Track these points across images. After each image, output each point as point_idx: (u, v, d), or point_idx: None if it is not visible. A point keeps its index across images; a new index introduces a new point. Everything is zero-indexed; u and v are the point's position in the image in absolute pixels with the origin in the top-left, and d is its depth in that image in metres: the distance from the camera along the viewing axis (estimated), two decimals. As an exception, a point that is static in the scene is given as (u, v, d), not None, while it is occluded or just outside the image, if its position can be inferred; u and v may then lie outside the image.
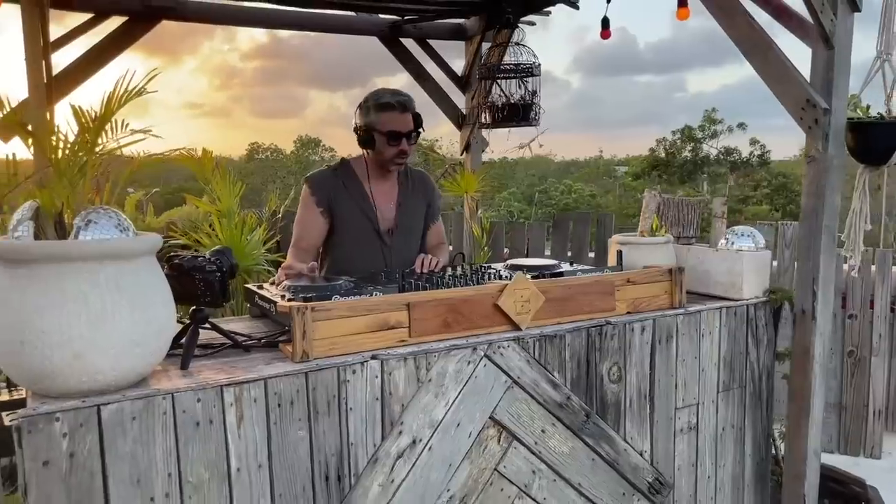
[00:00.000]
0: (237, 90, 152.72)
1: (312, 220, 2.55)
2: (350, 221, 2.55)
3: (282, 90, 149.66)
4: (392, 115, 2.47)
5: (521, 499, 1.95)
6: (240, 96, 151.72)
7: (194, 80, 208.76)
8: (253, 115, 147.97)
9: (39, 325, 1.32)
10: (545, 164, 47.27)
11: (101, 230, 1.41)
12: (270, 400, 1.56)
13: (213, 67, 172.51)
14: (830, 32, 2.20)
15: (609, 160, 55.05)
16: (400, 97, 2.49)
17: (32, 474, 1.31)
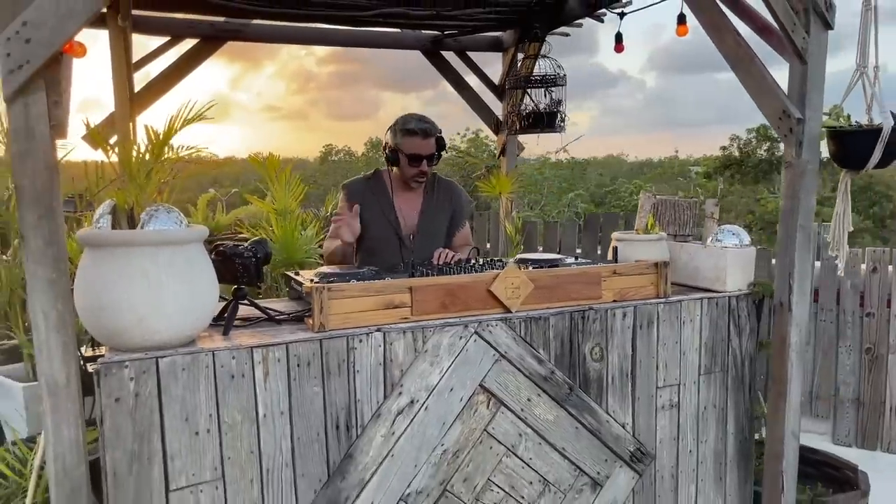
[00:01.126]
0: (313, 94, 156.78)
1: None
2: (375, 225, 2.95)
3: (356, 93, 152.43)
4: (415, 140, 2.86)
5: (508, 457, 2.27)
6: (316, 100, 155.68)
7: (273, 85, 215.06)
8: (328, 117, 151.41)
9: (113, 295, 1.73)
10: (617, 165, 46.74)
11: (160, 223, 1.82)
12: (291, 360, 1.94)
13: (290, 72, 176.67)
14: (803, 49, 2.42)
15: (685, 160, 53.98)
16: (424, 125, 2.88)
17: (107, 409, 1.73)
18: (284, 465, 1.94)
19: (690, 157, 58.38)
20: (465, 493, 2.21)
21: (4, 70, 1.45)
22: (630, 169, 50.78)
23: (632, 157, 56.52)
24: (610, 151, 65.85)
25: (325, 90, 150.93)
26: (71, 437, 1.62)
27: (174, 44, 4.10)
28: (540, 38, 4.03)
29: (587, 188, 36.14)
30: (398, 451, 2.09)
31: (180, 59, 4.10)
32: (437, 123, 2.91)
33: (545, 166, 22.09)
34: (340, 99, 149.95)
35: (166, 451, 1.79)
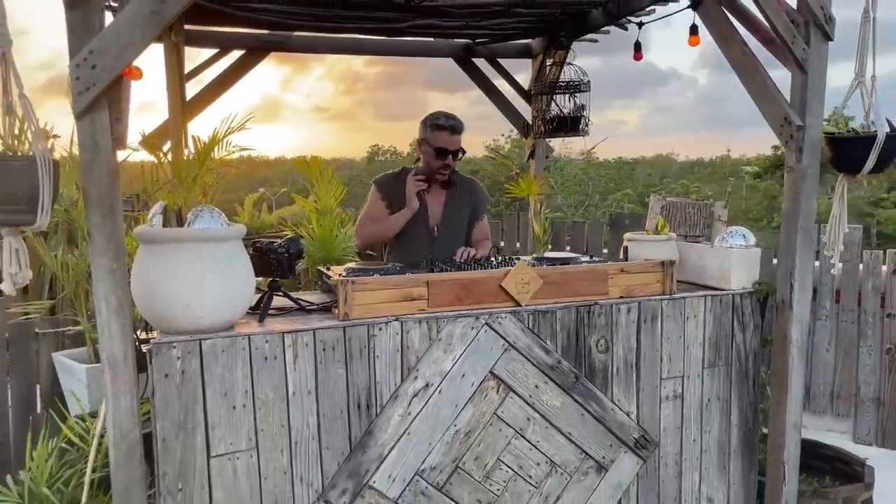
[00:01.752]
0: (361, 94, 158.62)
1: (377, 205, 3.21)
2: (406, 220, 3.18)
3: (403, 94, 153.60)
4: (443, 134, 3.10)
5: (517, 439, 2.46)
6: (363, 100, 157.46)
7: (321, 86, 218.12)
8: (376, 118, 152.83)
9: (164, 285, 1.99)
10: (667, 165, 46.07)
11: (205, 222, 2.08)
12: (318, 345, 2.17)
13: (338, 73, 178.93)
14: (803, 60, 2.55)
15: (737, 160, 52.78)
16: (453, 121, 3.12)
17: (158, 384, 1.99)
18: (311, 438, 2.18)
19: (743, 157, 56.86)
20: (476, 471, 2.41)
21: (74, 91, 1.72)
22: (680, 168, 49.94)
23: (682, 156, 55.45)
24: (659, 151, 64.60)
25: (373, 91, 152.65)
26: (127, 406, 1.88)
27: (223, 55, 4.40)
28: (565, 46, 4.20)
29: (634, 188, 35.75)
30: (414, 429, 2.31)
31: (228, 69, 4.40)
32: (477, 123, 3.16)
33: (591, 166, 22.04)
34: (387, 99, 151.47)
35: (208, 421, 2.05)
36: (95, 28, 1.75)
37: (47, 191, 1.68)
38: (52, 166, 1.70)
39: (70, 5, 1.72)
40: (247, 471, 2.10)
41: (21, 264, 1.70)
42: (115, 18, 1.75)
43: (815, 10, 2.52)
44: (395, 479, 2.29)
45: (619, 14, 3.81)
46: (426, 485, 2.34)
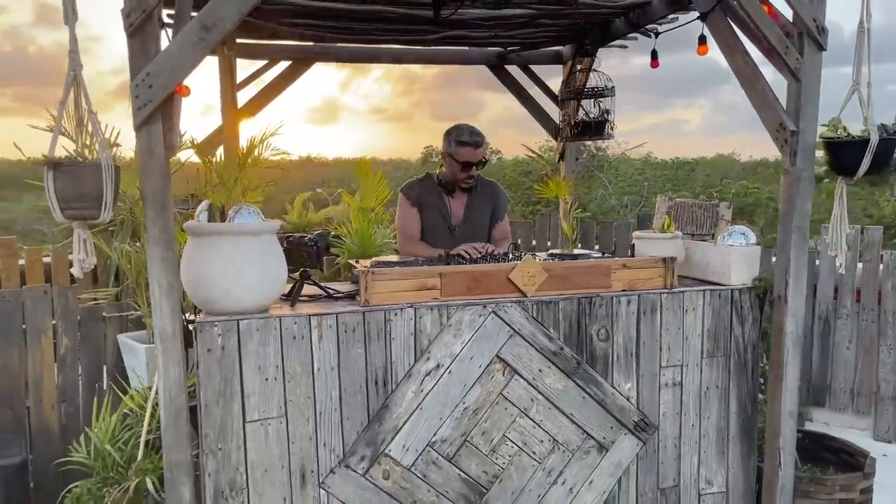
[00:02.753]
0: (418, 95, 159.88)
1: (411, 215, 3.50)
2: (430, 217, 3.47)
3: (459, 94, 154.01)
4: (468, 150, 3.39)
5: (522, 418, 2.70)
6: (420, 101, 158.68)
7: (379, 87, 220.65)
8: (432, 118, 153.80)
9: (207, 272, 2.31)
10: (728, 165, 45.14)
11: (243, 217, 2.39)
12: (340, 327, 2.46)
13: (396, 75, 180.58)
14: (796, 69, 2.71)
15: (804, 160, 50.77)
16: (476, 137, 3.40)
17: (201, 357, 2.31)
18: (333, 409, 2.47)
19: (810, 157, 54.58)
20: (483, 445, 2.66)
21: (134, 107, 2.05)
22: (742, 169, 48.86)
23: (745, 156, 53.91)
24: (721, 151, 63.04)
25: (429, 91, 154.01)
26: (175, 375, 2.21)
27: (272, 65, 4.77)
28: (590, 53, 4.40)
29: (693, 189, 35.04)
30: (426, 405, 2.57)
31: (277, 78, 4.77)
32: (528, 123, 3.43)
33: (647, 166, 21.90)
34: (443, 100, 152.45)
35: (244, 391, 2.36)
36: (151, 53, 2.08)
37: (110, 191, 2.02)
38: (114, 171, 2.04)
39: (131, 34, 2.05)
40: (277, 435, 2.41)
41: (87, 252, 2.04)
42: (168, 45, 2.08)
43: (808, 23, 2.68)
44: (409, 448, 2.56)
45: (639, 23, 4.00)
46: (437, 455, 2.60)
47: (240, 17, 2.10)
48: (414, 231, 3.52)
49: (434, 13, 3.68)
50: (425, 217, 3.52)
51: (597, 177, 18.15)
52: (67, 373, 3.40)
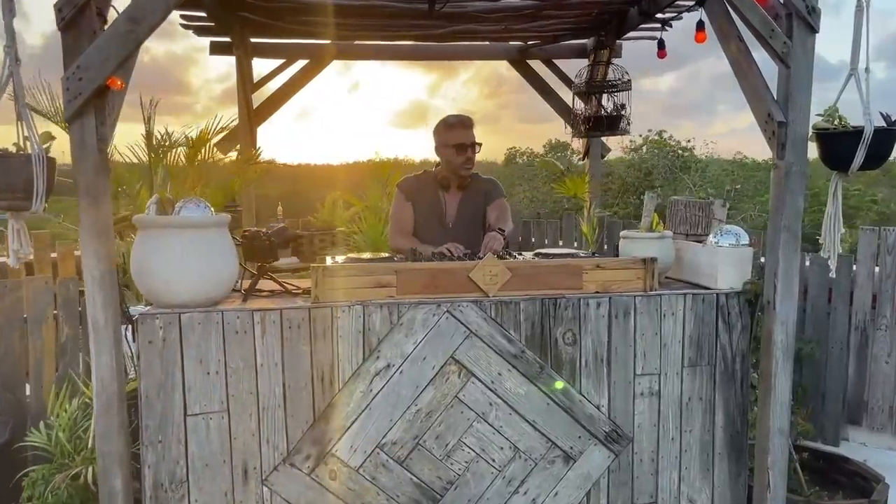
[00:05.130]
0: (505, 97, 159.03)
1: (404, 210, 3.45)
2: (424, 212, 3.41)
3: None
4: (457, 131, 3.29)
5: (479, 423, 2.59)
6: (507, 103, 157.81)
7: (467, 90, 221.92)
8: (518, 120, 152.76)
9: (150, 264, 2.33)
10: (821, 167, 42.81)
11: (188, 211, 2.39)
12: (284, 323, 2.43)
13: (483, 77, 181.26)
14: (784, 54, 2.48)
15: (913, 161, 47.71)
16: (462, 117, 3.30)
17: (143, 348, 2.32)
18: (277, 406, 2.44)
19: (921, 158, 51.20)
20: (437, 449, 2.56)
21: (65, 100, 2.08)
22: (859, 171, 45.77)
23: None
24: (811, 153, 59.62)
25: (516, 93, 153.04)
26: (107, 363, 2.23)
27: (289, 64, 4.82)
28: (606, 45, 4.22)
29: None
30: (375, 405, 2.50)
31: (293, 78, 4.81)
32: None
33: (737, 166, 20.98)
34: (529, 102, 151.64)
35: (185, 384, 2.36)
36: (84, 47, 2.10)
37: (42, 182, 2.05)
38: (45, 162, 2.07)
39: (63, 29, 2.08)
40: (218, 430, 2.40)
41: (22, 242, 2.09)
42: (97, 39, 2.10)
43: (797, 2, 2.45)
44: (357, 449, 2.50)
45: (650, 12, 3.80)
46: (387, 457, 2.52)
47: (167, 10, 2.10)
48: (406, 226, 3.46)
49: (429, 5, 3.61)
50: (419, 212, 3.45)
51: (681, 178, 17.55)
52: (68, 360, 3.52)
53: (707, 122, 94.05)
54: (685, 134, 23.35)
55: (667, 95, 27.83)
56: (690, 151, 19.06)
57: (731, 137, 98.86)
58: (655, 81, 17.96)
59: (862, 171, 2.42)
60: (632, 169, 18.01)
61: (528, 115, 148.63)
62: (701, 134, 78.41)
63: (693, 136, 21.18)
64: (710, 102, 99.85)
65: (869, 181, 34.97)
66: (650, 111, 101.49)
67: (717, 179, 19.12)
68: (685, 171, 17.79)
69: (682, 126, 79.05)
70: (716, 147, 19.10)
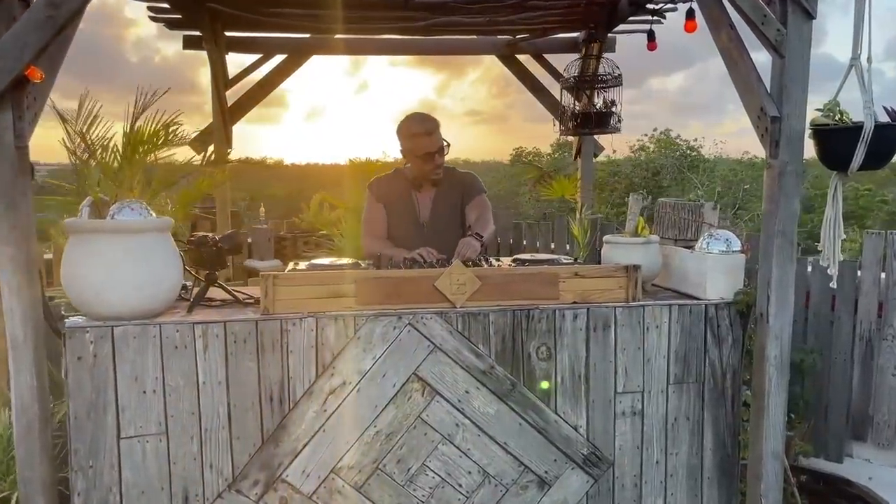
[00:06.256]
0: (513, 97, 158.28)
1: (375, 212, 3.24)
2: (397, 213, 3.20)
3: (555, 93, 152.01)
4: (420, 140, 3.08)
5: (445, 445, 2.37)
6: (514, 102, 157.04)
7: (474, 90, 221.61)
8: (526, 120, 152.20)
9: (79, 271, 2.12)
10: (830, 166, 42.03)
11: (124, 215, 2.19)
12: (228, 337, 2.22)
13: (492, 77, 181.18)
14: (778, 42, 2.26)
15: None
16: (427, 124, 3.09)
17: (71, 364, 2.12)
18: (221, 427, 2.23)
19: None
20: (399, 474, 2.35)
21: (-23, 93, 1.88)
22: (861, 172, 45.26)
23: (860, 157, 50.11)
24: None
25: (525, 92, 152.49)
26: (27, 382, 2.02)
27: (266, 59, 4.62)
28: (596, 38, 4.00)
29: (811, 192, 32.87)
30: (330, 427, 2.29)
31: (270, 74, 4.61)
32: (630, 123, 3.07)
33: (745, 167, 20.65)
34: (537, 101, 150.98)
35: (119, 404, 2.16)
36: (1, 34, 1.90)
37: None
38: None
39: (-24, 15, 1.88)
40: (156, 454, 2.19)
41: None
42: (14, 25, 1.90)
43: (793, -14, 2.23)
44: (310, 475, 2.29)
45: (641, 2, 3.58)
46: (343, 483, 2.31)
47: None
48: (377, 228, 3.25)
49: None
50: (392, 213, 3.24)
51: (688, 178, 17.30)
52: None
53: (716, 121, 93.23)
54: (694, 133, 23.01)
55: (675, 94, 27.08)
56: (698, 151, 18.81)
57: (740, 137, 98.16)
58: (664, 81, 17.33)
59: (864, 170, 2.19)
60: (639, 168, 17.77)
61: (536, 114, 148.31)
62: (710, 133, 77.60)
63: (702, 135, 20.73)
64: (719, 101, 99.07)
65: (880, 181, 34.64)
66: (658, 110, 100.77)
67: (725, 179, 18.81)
68: (693, 171, 17.53)
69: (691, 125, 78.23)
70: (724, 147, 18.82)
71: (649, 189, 16.65)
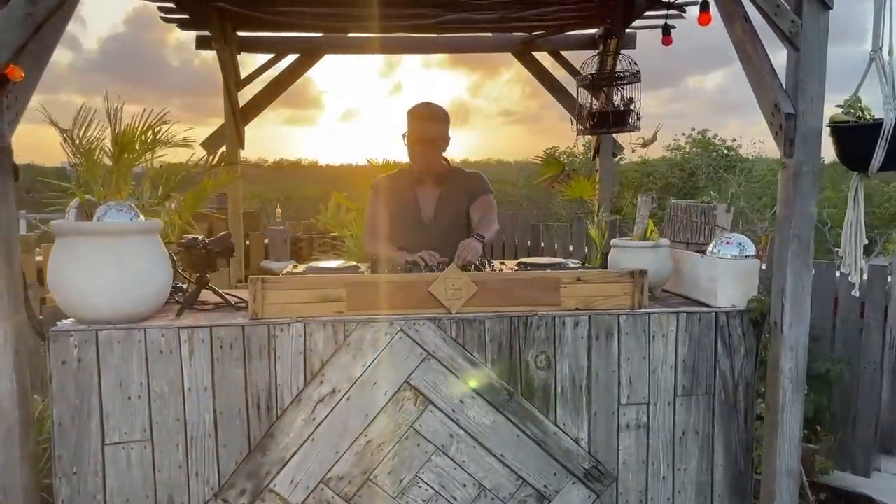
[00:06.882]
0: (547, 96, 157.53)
1: (377, 210, 3.16)
2: (401, 212, 3.11)
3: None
4: (418, 124, 2.99)
5: (439, 457, 2.28)
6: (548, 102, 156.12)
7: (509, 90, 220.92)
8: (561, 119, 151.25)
9: (65, 274, 2.08)
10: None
11: (110, 217, 2.14)
12: (214, 342, 2.16)
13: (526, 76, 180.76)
14: (792, 34, 2.12)
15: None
16: (431, 111, 3.00)
17: (55, 369, 2.08)
18: (207, 434, 2.17)
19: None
20: (391, 486, 2.27)
21: (-44, 92, 1.85)
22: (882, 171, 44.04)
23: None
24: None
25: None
26: (7, 386, 1.99)
27: (278, 59, 4.58)
28: (613, 34, 3.87)
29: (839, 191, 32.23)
30: (319, 435, 2.22)
31: (282, 74, 4.57)
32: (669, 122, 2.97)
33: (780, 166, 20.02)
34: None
35: (103, 410, 2.11)
36: (-21, 33, 1.87)
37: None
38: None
39: (-46, 12, 1.85)
40: (141, 461, 2.14)
41: None
42: (-9, 22, 1.86)
43: (808, -27, 2.09)
44: (298, 485, 2.22)
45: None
46: (332, 494, 2.24)
47: (68, -11, 1.84)
48: (379, 228, 3.15)
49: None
50: (395, 212, 3.13)
51: (724, 178, 16.93)
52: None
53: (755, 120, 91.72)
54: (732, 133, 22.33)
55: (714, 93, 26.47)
56: (736, 151, 18.36)
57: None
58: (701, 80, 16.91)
59: (885, 171, 2.04)
60: (675, 168, 17.42)
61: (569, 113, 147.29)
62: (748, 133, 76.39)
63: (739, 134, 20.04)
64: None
65: (918, 182, 33.31)
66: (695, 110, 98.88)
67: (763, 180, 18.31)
68: (730, 171, 17.12)
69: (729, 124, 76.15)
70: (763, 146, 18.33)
71: (686, 190, 16.29)
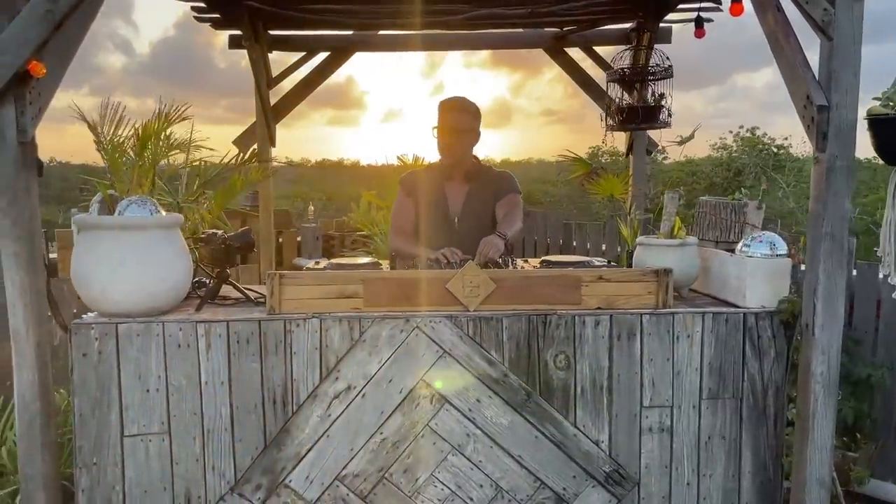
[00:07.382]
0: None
1: (403, 207, 3.14)
2: (428, 208, 3.08)
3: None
4: (444, 113, 2.99)
5: (455, 456, 2.25)
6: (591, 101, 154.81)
7: (551, 89, 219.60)
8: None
9: (86, 268, 2.11)
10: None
11: (131, 211, 2.17)
12: (231, 337, 2.17)
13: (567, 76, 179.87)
14: (825, 23, 2.03)
15: None
16: (462, 103, 2.99)
17: (76, 361, 2.12)
18: (223, 429, 2.18)
19: None
20: (406, 484, 2.25)
21: (-20, 89, 1.89)
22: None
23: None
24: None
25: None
26: (29, 378, 2.03)
27: (309, 57, 4.60)
28: (646, 28, 3.78)
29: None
30: (334, 432, 2.21)
31: (312, 72, 4.59)
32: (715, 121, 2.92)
33: None
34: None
35: (122, 402, 2.14)
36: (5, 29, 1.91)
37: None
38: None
39: (-22, 12, 1.89)
40: (159, 453, 2.16)
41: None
42: (14, 20, 1.89)
43: (842, -42, 1.99)
44: (313, 481, 2.22)
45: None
46: (347, 491, 2.23)
47: (87, -14, 1.87)
48: (405, 225, 3.13)
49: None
50: (422, 208, 3.11)
51: (773, 177, 16.49)
52: (62, 364, 3.40)
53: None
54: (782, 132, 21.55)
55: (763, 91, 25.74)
56: (786, 150, 17.84)
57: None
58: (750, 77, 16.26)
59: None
60: (720, 168, 17.02)
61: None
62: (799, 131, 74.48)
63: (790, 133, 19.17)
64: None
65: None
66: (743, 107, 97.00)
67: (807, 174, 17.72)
68: (779, 171, 16.63)
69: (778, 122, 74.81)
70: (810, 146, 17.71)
71: (731, 190, 15.90)
